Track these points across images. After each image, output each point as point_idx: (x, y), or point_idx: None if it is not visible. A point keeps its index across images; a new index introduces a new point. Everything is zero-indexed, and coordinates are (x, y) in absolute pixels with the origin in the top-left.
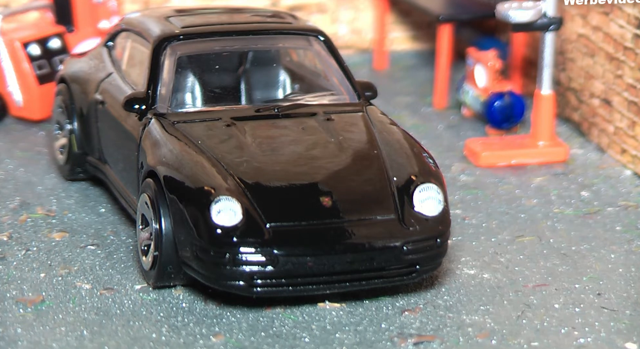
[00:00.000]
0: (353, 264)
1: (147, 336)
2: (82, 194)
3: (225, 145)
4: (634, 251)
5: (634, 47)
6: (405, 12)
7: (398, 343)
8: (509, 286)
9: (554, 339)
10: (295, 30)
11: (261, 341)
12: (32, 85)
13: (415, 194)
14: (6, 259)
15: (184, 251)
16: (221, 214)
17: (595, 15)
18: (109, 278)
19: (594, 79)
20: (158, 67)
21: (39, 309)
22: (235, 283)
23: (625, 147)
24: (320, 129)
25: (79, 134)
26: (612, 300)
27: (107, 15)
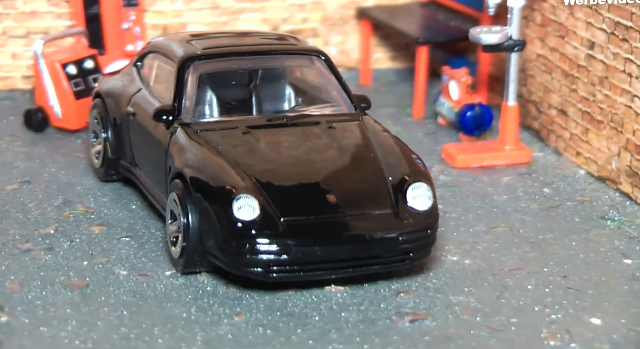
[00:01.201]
0: (355, 253)
1: (178, 316)
2: (116, 193)
3: (242, 150)
4: (591, 239)
5: (587, 65)
6: (386, 36)
7: (396, 320)
8: (487, 270)
9: (530, 316)
10: (300, 50)
11: (277, 319)
12: (70, 100)
13: (408, 191)
14: (54, 250)
15: (208, 242)
16: (241, 210)
17: (552, 38)
18: (143, 266)
19: (552, 93)
20: (183, 83)
21: (83, 293)
22: (254, 269)
23: (579, 150)
24: (323, 136)
25: (113, 141)
26: (576, 281)
27: (133, 40)
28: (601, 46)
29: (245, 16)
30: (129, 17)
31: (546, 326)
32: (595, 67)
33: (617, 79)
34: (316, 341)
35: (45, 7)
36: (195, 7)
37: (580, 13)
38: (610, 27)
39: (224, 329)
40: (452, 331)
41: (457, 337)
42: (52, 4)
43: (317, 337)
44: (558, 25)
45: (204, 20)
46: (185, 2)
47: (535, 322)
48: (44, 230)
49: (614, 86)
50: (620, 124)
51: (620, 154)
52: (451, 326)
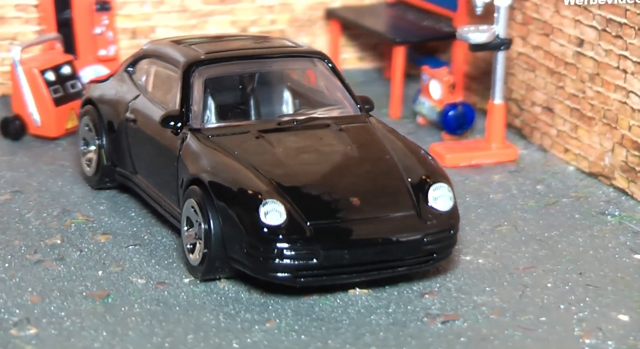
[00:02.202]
0: (382, 255)
1: (207, 324)
2: (111, 201)
3: (259, 154)
4: (596, 236)
5: (575, 63)
6: (354, 36)
7: (428, 322)
8: (502, 269)
9: (557, 315)
10: (302, 53)
11: (308, 324)
12: (49, 107)
13: (429, 192)
14: (65, 260)
15: (233, 247)
16: (269, 215)
17: (535, 37)
18: (158, 273)
19: (536, 90)
20: (189, 88)
21: (106, 303)
22: (281, 274)
23: (568, 147)
24: (336, 138)
25: (108, 148)
26: (592, 278)
27: (105, 45)
28: (591, 43)
29: (214, 19)
30: (101, 21)
31: (576, 324)
32: (585, 64)
33: (609, 76)
34: (352, 345)
35: (13, 12)
36: (164, 10)
37: (568, 11)
38: (601, 24)
39: (258, 336)
40: (486, 331)
41: (493, 338)
42: (19, 9)
43: (353, 341)
44: (542, 23)
45: (172, 23)
46: (154, 5)
47: (564, 320)
48: (49, 240)
49: (606, 83)
50: (614, 120)
51: (615, 150)
52: (483, 326)
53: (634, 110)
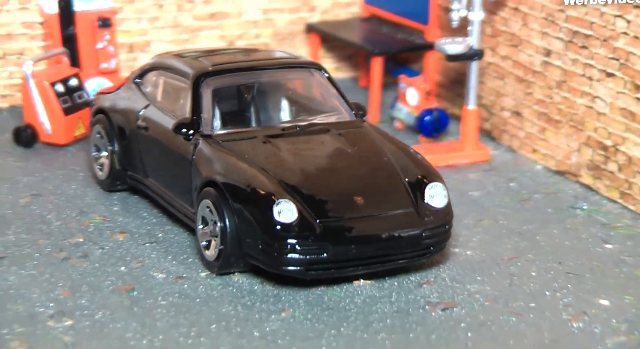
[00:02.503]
0: (385, 249)
1: (227, 314)
2: (123, 202)
3: (268, 158)
4: (569, 228)
5: (543, 71)
6: (331, 48)
7: (429, 310)
8: (489, 260)
9: (545, 301)
10: (300, 64)
11: (320, 313)
12: (59, 116)
13: (426, 191)
14: (89, 257)
15: (248, 244)
16: (282, 213)
17: (504, 48)
18: (176, 268)
19: (505, 96)
20: (198, 98)
21: (132, 296)
22: (294, 268)
23: (536, 147)
24: (337, 142)
25: (120, 154)
26: (572, 267)
27: (107, 59)
28: (558, 53)
29: (204, 33)
30: (103, 37)
31: (563, 309)
32: (552, 73)
33: (576, 83)
34: (363, 331)
35: (20, 29)
36: (159, 26)
37: (535, 24)
38: (568, 36)
39: (275, 325)
40: (483, 317)
41: (490, 323)
42: (26, 26)
43: (363, 328)
44: (510, 35)
45: (166, 38)
46: (150, 22)
47: (551, 306)
48: (72, 239)
49: (573, 89)
50: (580, 123)
51: (581, 150)
52: (480, 313)
53: (599, 113)
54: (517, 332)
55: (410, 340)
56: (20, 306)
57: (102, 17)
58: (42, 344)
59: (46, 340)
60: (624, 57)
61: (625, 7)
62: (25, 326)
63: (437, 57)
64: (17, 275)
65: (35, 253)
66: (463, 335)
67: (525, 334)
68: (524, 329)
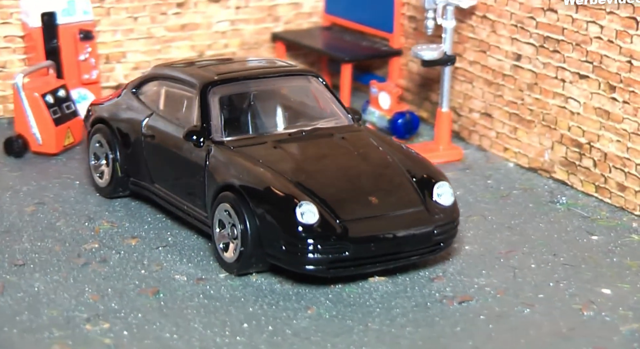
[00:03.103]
0: (401, 246)
1: (255, 313)
2: (125, 208)
3: (281, 162)
4: (554, 221)
5: (513, 74)
6: (295, 55)
7: (447, 304)
8: (488, 254)
9: (551, 291)
10: (299, 71)
11: (344, 309)
12: (50, 127)
13: (434, 189)
14: (108, 262)
15: (270, 245)
16: (304, 215)
17: (471, 53)
18: (193, 271)
19: (474, 99)
20: (207, 106)
21: (158, 298)
22: (317, 267)
23: (507, 146)
24: (342, 145)
25: (122, 161)
26: (566, 258)
27: (88, 70)
28: (529, 57)
29: (176, 44)
30: (85, 49)
31: (570, 299)
32: (523, 76)
33: (548, 85)
34: (389, 326)
35: (2, 43)
36: (133, 37)
37: (504, 30)
38: (538, 41)
39: (304, 323)
40: (498, 309)
41: (507, 314)
42: (7, 40)
43: (389, 323)
44: (478, 41)
45: (140, 49)
46: (124, 34)
47: (559, 296)
48: (87, 245)
49: (544, 91)
50: (553, 122)
51: (554, 148)
52: (494, 305)
53: (573, 113)
54: (533, 322)
55: (436, 333)
56: (54, 310)
57: (83, 30)
58: (85, 347)
59: (87, 343)
60: (597, 60)
61: (598, 13)
62: (63, 330)
63: (401, 63)
64: (42, 281)
65: (54, 259)
66: (484, 327)
67: (542, 324)
68: (539, 319)
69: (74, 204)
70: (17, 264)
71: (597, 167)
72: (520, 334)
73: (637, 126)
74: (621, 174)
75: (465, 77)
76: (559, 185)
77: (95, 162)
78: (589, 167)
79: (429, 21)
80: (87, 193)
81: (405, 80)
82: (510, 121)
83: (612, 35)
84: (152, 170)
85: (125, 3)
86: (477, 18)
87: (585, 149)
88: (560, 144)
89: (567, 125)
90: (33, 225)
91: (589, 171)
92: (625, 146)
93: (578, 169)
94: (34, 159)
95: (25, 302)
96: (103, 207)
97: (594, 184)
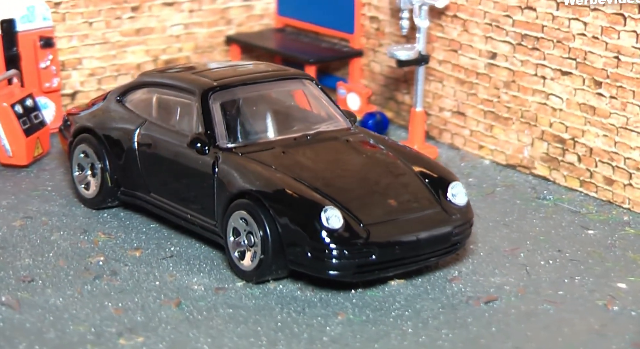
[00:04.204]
0: (423, 248)
1: (285, 321)
2: (116, 218)
3: (295, 167)
4: (546, 217)
5: (488, 73)
6: (251, 58)
7: (473, 304)
8: (494, 252)
9: (569, 287)
10: (293, 75)
11: (371, 314)
12: (21, 137)
13: (448, 190)
14: (119, 274)
15: (294, 251)
16: (330, 220)
17: (440, 52)
18: (208, 280)
19: (444, 98)
20: (209, 113)
21: (182, 309)
22: (343, 272)
23: (483, 144)
24: (347, 149)
25: (112, 171)
26: (572, 254)
27: (49, 78)
28: (505, 56)
29: (131, 49)
30: (46, 56)
31: (589, 294)
32: (499, 74)
33: (526, 82)
34: (424, 329)
35: None
36: (89, 43)
37: (477, 29)
38: (515, 39)
39: (339, 329)
40: (524, 308)
41: (535, 313)
42: None
43: (424, 325)
44: (448, 41)
45: (96, 55)
46: (80, 40)
47: (578, 292)
48: (92, 258)
49: (523, 88)
50: (533, 119)
51: (534, 144)
52: (519, 303)
53: (555, 109)
54: (563, 320)
55: (473, 334)
56: (81, 326)
57: (43, 37)
58: None
59: None
60: (581, 56)
61: (582, 10)
62: (98, 346)
63: (362, 64)
64: (56, 296)
65: (61, 274)
66: (517, 326)
67: (573, 322)
68: (568, 317)
69: (61, 217)
70: (26, 280)
71: (581, 162)
72: (555, 332)
73: (626, 120)
74: (608, 168)
75: (434, 76)
76: (540, 181)
77: (80, 173)
78: (573, 162)
79: (403, 21)
80: (71, 205)
81: (366, 81)
82: (485, 119)
83: (597, 31)
84: (149, 179)
85: (80, 8)
86: (447, 17)
87: (568, 144)
88: (541, 140)
89: (548, 121)
90: (27, 240)
91: (573, 166)
92: (613, 141)
93: (561, 164)
94: (4, 171)
95: (47, 319)
96: (92, 219)
97: (579, 179)
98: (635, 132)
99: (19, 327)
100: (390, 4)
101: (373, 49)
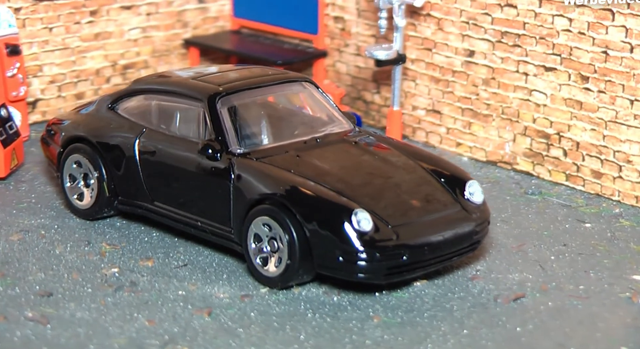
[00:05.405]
0: (447, 247)
1: (321, 326)
2: (114, 229)
3: (313, 170)
4: (539, 212)
5: (465, 70)
6: (211, 61)
7: (502, 303)
8: (503, 249)
9: (587, 280)
10: (294, 78)
11: (404, 315)
12: None
13: (465, 188)
14: (138, 285)
15: (323, 256)
16: (360, 223)
17: (413, 51)
18: (230, 288)
19: (418, 96)
20: (218, 118)
21: (214, 318)
22: (373, 275)
23: (460, 141)
24: (358, 150)
25: (109, 180)
26: (579, 247)
27: (16, 87)
28: (484, 53)
29: (90, 54)
30: (13, 64)
31: (610, 288)
32: (477, 71)
33: (507, 79)
34: (463, 328)
35: None
36: (49, 49)
37: (453, 28)
38: (495, 36)
39: (378, 332)
40: (552, 304)
41: (564, 309)
42: None
43: (459, 325)
44: (421, 40)
45: (56, 61)
46: (40, 46)
47: (599, 287)
48: (107, 270)
49: (503, 84)
50: (515, 115)
51: (516, 140)
52: (546, 299)
53: (538, 105)
54: (595, 315)
55: (511, 332)
56: (120, 339)
57: (10, 44)
58: None
59: None
60: (566, 52)
61: (566, 7)
62: None
63: (326, 65)
64: (81, 310)
65: (78, 287)
66: (552, 322)
67: (604, 317)
68: (598, 311)
69: (58, 229)
70: (44, 295)
71: (567, 156)
72: (591, 328)
73: (615, 113)
74: (597, 161)
75: (407, 75)
76: (524, 176)
77: (72, 184)
78: (558, 156)
79: (382, 21)
80: (63, 216)
81: (330, 81)
82: (463, 116)
83: (583, 27)
84: (152, 187)
85: (40, 13)
86: (420, 16)
87: (553, 139)
88: (524, 136)
89: (531, 117)
90: (31, 254)
91: (558, 160)
92: (602, 134)
93: (545, 159)
94: None
95: (82, 333)
96: (90, 230)
97: (565, 173)
98: (625, 126)
99: (54, 342)
100: (356, 3)
101: (338, 49)
